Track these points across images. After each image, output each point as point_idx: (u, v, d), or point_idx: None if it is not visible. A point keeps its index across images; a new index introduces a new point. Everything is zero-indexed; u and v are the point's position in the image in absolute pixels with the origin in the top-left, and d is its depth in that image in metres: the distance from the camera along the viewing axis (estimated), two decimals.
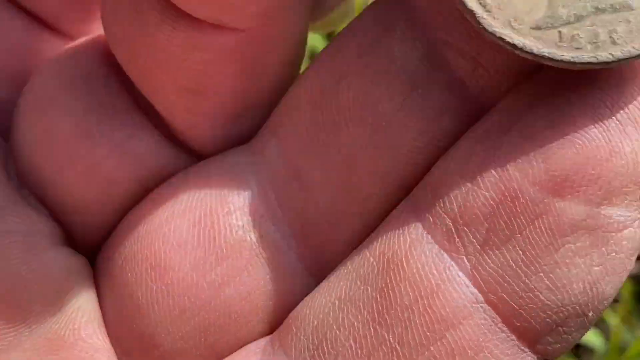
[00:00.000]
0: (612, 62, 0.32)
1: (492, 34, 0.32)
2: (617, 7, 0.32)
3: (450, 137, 0.32)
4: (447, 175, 0.31)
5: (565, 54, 0.32)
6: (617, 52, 0.32)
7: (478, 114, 0.32)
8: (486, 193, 0.30)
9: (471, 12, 0.32)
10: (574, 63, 0.32)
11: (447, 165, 0.31)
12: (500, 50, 0.33)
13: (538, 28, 0.32)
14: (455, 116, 0.32)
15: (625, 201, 0.30)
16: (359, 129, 0.32)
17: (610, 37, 0.32)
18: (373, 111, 0.32)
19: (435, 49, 0.33)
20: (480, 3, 0.32)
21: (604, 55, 0.32)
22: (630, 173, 0.30)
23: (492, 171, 0.30)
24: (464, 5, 0.32)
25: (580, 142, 0.30)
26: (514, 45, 0.32)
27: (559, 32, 0.32)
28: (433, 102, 0.32)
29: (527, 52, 0.32)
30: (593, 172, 0.29)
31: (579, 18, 0.32)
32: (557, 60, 0.32)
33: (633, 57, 0.32)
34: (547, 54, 0.32)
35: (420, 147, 0.32)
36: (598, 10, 0.32)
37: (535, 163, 0.30)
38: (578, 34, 0.32)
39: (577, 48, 0.32)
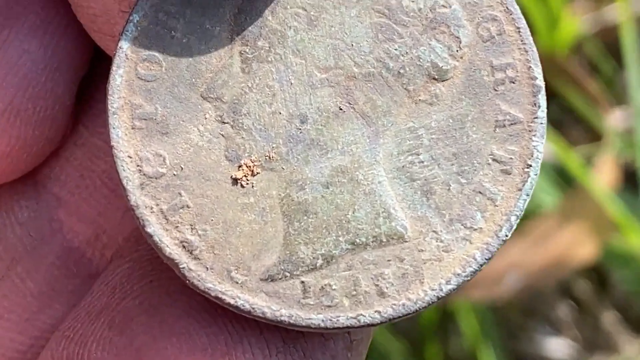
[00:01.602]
0: (381, 323, 0.24)
1: (206, 292, 0.24)
2: (384, 240, 0.24)
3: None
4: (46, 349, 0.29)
5: (314, 317, 0.24)
6: (388, 309, 0.24)
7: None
8: None
9: (173, 262, 0.24)
10: (327, 329, 0.24)
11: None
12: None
13: (271, 279, 0.24)
14: (72, 295, 0.30)
15: None
16: None
17: (376, 285, 0.24)
18: None
19: (52, 212, 0.31)
20: (185, 246, 0.24)
21: (369, 315, 0.24)
22: None
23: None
24: (162, 252, 0.24)
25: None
26: (237, 307, 0.24)
27: (302, 283, 0.24)
28: (38, 283, 0.31)
29: (258, 316, 0.24)
30: None
31: (329, 260, 0.24)
32: (303, 326, 0.24)
33: (410, 314, 0.24)
34: (286, 319, 0.24)
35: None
36: (356, 247, 0.24)
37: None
38: (329, 284, 0.24)
39: (329, 306, 0.24)
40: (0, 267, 0.31)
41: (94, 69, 0.30)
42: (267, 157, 0.24)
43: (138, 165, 0.24)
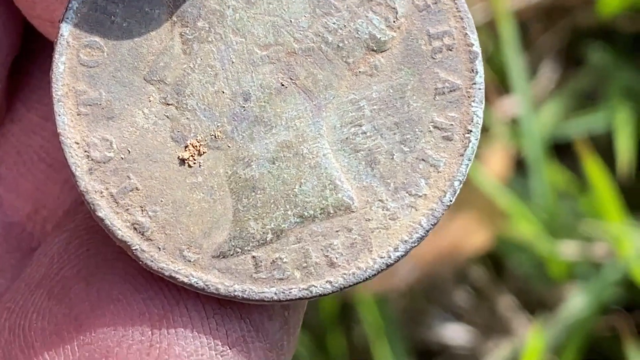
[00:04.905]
0: (332, 292, 0.24)
1: (159, 272, 0.24)
2: (331, 211, 0.24)
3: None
4: None
5: (267, 291, 0.24)
6: (339, 279, 0.24)
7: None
8: None
9: (125, 244, 0.24)
10: (280, 301, 0.24)
11: None
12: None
13: (223, 256, 0.24)
14: (14, 269, 0.29)
15: None
16: None
17: (326, 256, 0.24)
18: None
19: None
20: (137, 228, 0.24)
21: (320, 285, 0.24)
22: None
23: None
24: (114, 235, 0.24)
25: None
26: (191, 285, 0.24)
27: (253, 257, 0.24)
28: None
29: (212, 292, 0.24)
30: None
31: (278, 234, 0.24)
32: (257, 300, 0.24)
33: (360, 282, 0.24)
34: (240, 294, 0.24)
35: None
36: (304, 220, 0.24)
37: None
38: (280, 258, 0.24)
39: (281, 279, 0.24)
40: None
41: (27, 45, 0.29)
42: (212, 136, 0.24)
43: (85, 151, 0.24)
